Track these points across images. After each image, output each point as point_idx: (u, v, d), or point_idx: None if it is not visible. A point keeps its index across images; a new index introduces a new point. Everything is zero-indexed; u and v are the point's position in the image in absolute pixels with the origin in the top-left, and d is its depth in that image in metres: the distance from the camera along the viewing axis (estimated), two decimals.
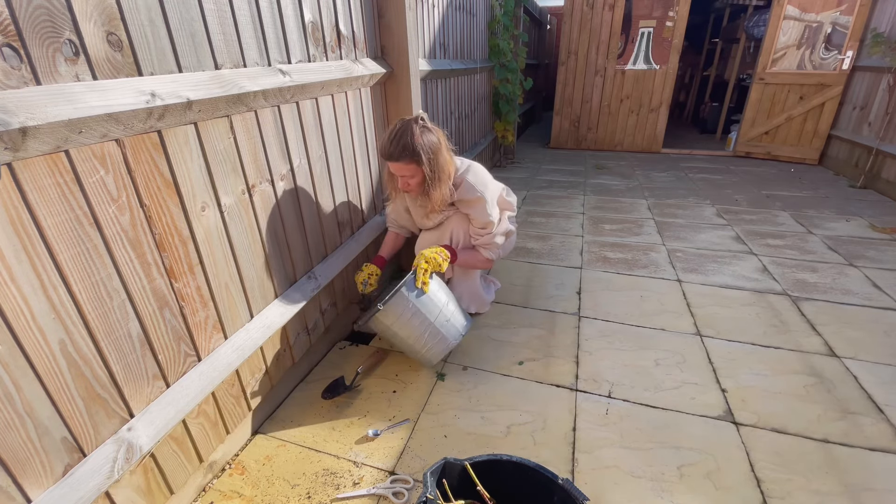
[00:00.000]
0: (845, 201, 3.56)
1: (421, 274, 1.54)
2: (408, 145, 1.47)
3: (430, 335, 1.54)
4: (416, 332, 1.53)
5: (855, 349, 1.76)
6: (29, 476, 0.80)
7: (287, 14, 1.32)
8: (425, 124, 1.52)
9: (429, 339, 1.55)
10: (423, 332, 1.53)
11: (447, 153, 1.59)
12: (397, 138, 1.48)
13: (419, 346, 1.56)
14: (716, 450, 1.33)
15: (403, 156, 1.49)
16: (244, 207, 1.25)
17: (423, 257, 1.58)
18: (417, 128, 1.49)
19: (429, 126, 1.53)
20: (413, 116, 1.52)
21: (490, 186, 1.72)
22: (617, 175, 4.48)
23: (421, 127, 1.50)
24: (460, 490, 0.98)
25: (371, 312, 1.50)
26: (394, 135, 1.50)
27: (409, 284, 1.52)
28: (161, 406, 1.03)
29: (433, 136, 1.52)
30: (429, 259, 1.58)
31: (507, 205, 1.88)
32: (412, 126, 1.49)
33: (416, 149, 1.47)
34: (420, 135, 1.48)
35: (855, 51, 4.22)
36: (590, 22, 5.12)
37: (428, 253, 1.60)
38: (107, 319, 0.90)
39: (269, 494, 1.22)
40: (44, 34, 0.74)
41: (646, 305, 2.09)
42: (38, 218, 0.76)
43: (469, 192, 1.65)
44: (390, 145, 1.49)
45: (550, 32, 8.48)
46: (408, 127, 1.49)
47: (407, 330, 1.53)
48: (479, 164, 1.75)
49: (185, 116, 1.00)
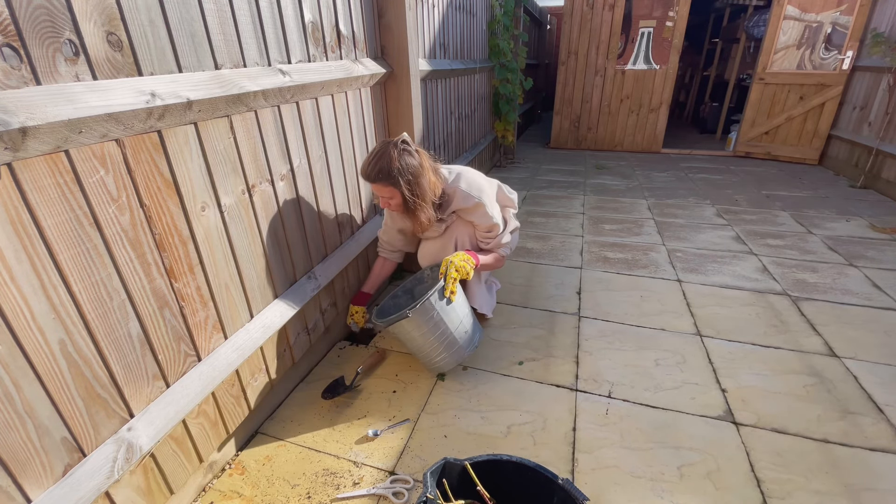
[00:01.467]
0: (845, 201, 3.56)
1: (451, 283, 1.53)
2: (384, 168, 1.46)
3: (447, 344, 1.53)
4: (435, 341, 1.52)
5: (855, 349, 1.76)
6: (29, 476, 0.80)
7: (287, 14, 1.32)
8: (406, 147, 1.49)
9: (446, 349, 1.54)
10: (442, 341, 1.52)
11: (431, 174, 1.56)
12: (375, 160, 1.47)
13: (434, 353, 1.55)
14: (716, 450, 1.33)
15: (380, 178, 1.48)
16: (244, 207, 1.25)
17: (452, 266, 1.55)
18: (396, 151, 1.46)
19: (410, 148, 1.50)
20: (395, 139, 1.50)
21: (485, 189, 1.70)
22: (617, 175, 4.48)
23: (401, 150, 1.47)
24: (460, 490, 0.98)
25: (396, 316, 1.47)
26: (372, 157, 1.49)
27: (440, 292, 1.50)
28: (161, 406, 1.03)
29: (413, 160, 1.50)
30: (459, 268, 1.56)
31: (508, 201, 1.87)
32: (390, 149, 1.46)
33: (391, 172, 1.46)
34: (398, 158, 1.46)
35: (855, 51, 4.22)
36: (590, 22, 5.12)
37: (457, 261, 1.57)
38: (107, 319, 0.90)
39: (269, 494, 1.22)
40: (44, 34, 0.74)
41: (646, 305, 2.09)
42: (38, 218, 0.76)
43: (465, 200, 1.64)
44: (367, 167, 1.49)
45: (550, 32, 8.48)
46: (386, 150, 1.47)
47: (427, 337, 1.51)
48: (469, 169, 1.73)
49: (185, 116, 1.00)
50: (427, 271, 1.80)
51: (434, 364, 1.59)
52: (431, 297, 1.47)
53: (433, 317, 1.48)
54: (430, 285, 1.82)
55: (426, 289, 1.81)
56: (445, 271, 1.55)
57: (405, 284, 1.79)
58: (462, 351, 1.58)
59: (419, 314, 1.46)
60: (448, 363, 1.58)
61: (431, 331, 1.50)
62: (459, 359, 1.58)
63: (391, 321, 1.47)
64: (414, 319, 1.46)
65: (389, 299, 1.74)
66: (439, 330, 1.50)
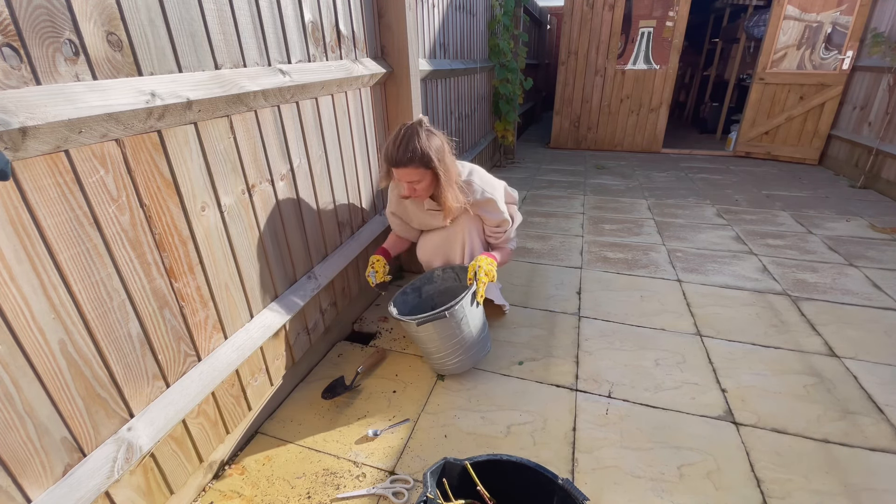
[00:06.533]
0: (845, 201, 3.56)
1: (482, 287, 1.53)
2: (416, 150, 1.44)
3: (466, 348, 1.53)
4: (456, 344, 1.51)
5: (855, 349, 1.76)
6: (29, 476, 0.80)
7: (287, 14, 1.32)
8: (429, 128, 1.51)
9: (464, 352, 1.54)
10: (462, 345, 1.52)
11: (451, 155, 1.59)
12: (404, 143, 1.46)
13: (451, 356, 1.54)
14: (716, 450, 1.32)
15: (413, 161, 1.45)
16: (244, 207, 1.25)
17: (482, 270, 1.55)
18: (423, 131, 1.47)
19: (432, 130, 1.52)
20: (416, 121, 1.51)
21: (496, 185, 1.74)
22: (617, 175, 4.48)
23: (426, 131, 1.48)
24: (460, 490, 0.98)
25: (432, 315, 1.43)
26: (399, 140, 1.47)
27: (472, 296, 1.50)
28: (161, 406, 1.03)
29: (437, 140, 1.51)
30: (487, 271, 1.56)
31: (512, 198, 1.89)
32: (418, 130, 1.47)
33: (424, 152, 1.45)
34: (426, 138, 1.47)
35: (855, 51, 4.22)
36: (590, 22, 5.12)
37: (485, 265, 1.57)
38: (107, 319, 0.90)
39: (269, 494, 1.22)
40: (44, 34, 0.74)
41: (646, 305, 2.09)
42: (38, 218, 0.76)
43: (479, 194, 1.65)
44: (397, 151, 1.46)
45: (550, 32, 8.48)
46: (413, 131, 1.47)
47: (449, 340, 1.50)
48: (478, 166, 1.76)
49: (185, 116, 1.00)
50: (438, 272, 1.79)
51: (447, 367, 1.58)
52: (464, 299, 1.46)
53: (461, 320, 1.48)
54: (441, 286, 1.81)
55: (436, 289, 1.81)
56: (475, 275, 1.55)
57: (414, 283, 1.77)
58: (477, 355, 1.58)
59: (454, 316, 1.45)
60: (461, 367, 1.58)
61: (455, 333, 1.49)
62: (473, 363, 1.58)
63: (426, 319, 1.43)
64: (447, 321, 1.45)
65: (400, 295, 1.70)
66: (462, 333, 1.50)
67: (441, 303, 1.80)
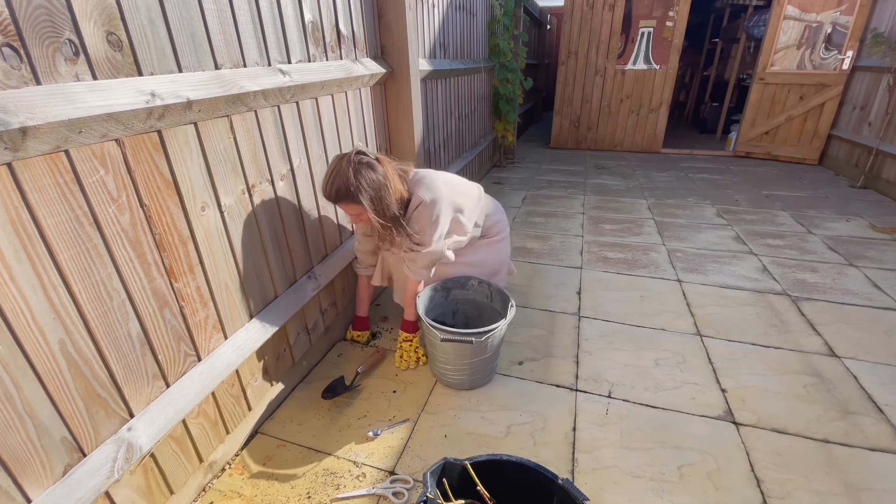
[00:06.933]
0: (845, 201, 3.56)
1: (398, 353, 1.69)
2: (341, 188, 1.35)
3: (471, 372, 1.53)
4: (466, 365, 1.50)
5: (855, 349, 1.76)
6: (29, 476, 0.80)
7: (287, 14, 1.32)
8: (362, 158, 1.37)
9: (470, 374, 1.53)
10: (469, 368, 1.51)
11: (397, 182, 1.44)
12: (331, 180, 1.37)
13: (457, 373, 1.53)
14: (716, 450, 1.32)
15: (339, 198, 1.38)
16: (244, 207, 1.25)
17: None
18: (351, 167, 1.34)
19: (368, 159, 1.38)
20: (349, 152, 1.39)
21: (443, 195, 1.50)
22: (617, 175, 4.48)
23: (356, 164, 1.35)
24: (460, 490, 0.98)
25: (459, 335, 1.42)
26: (328, 176, 1.38)
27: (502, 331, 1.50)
28: (161, 406, 1.03)
29: (372, 172, 1.37)
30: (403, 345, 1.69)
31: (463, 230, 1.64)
32: (343, 166, 1.35)
33: (350, 190, 1.35)
34: (354, 174, 1.34)
35: (855, 51, 4.22)
36: (590, 22, 5.12)
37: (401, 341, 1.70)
38: (107, 319, 0.90)
39: (269, 494, 1.22)
40: (44, 34, 0.74)
41: (646, 305, 2.09)
42: (38, 218, 0.76)
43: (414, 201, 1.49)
44: (325, 187, 1.39)
45: (550, 32, 8.48)
46: (339, 167, 1.36)
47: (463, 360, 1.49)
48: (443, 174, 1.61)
49: (185, 116, 1.00)
50: (475, 280, 1.72)
51: (446, 379, 1.58)
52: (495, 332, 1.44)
53: (483, 348, 1.47)
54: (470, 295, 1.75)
55: (465, 296, 1.76)
56: None
57: (446, 282, 1.71)
58: (478, 381, 1.58)
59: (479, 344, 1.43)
60: (460, 386, 1.58)
61: (470, 357, 1.48)
62: (472, 386, 1.58)
63: (451, 338, 1.41)
64: (469, 346, 1.44)
65: (430, 290, 1.67)
66: (476, 359, 1.49)
67: (464, 311, 1.79)
